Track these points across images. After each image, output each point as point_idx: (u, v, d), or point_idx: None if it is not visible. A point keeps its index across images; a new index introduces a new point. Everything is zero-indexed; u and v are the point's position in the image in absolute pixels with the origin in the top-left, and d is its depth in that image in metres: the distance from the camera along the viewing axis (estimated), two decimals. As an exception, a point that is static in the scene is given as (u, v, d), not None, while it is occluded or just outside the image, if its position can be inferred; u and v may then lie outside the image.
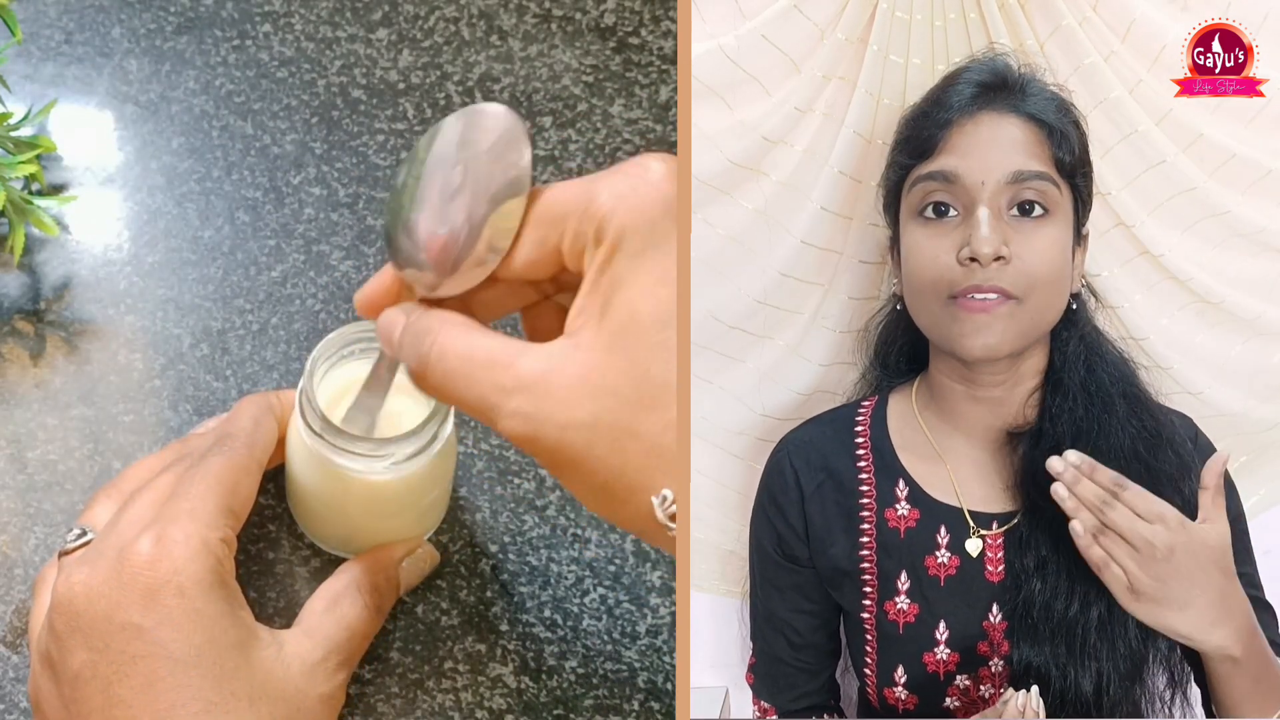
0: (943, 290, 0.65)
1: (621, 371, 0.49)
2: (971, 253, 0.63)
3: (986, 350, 0.64)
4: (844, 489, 0.70)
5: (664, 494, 0.49)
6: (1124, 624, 0.65)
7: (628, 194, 0.51)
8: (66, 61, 0.81)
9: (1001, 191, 0.64)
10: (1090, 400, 0.67)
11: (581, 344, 0.50)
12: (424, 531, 0.69)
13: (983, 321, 0.64)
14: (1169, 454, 0.67)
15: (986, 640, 0.68)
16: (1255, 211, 0.76)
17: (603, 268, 0.51)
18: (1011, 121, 0.66)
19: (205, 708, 0.55)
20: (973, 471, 0.69)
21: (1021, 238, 0.64)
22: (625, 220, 0.50)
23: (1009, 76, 0.67)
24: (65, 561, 0.60)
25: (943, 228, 0.65)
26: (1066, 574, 0.65)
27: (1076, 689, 0.65)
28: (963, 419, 0.69)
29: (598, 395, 0.49)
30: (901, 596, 0.69)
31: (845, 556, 0.70)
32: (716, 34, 0.74)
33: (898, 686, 0.69)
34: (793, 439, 0.73)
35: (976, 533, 0.68)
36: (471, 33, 0.83)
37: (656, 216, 0.50)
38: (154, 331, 0.74)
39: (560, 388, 0.50)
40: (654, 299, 0.50)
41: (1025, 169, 0.65)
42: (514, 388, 0.50)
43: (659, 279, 0.50)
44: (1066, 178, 0.66)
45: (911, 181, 0.67)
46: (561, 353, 0.51)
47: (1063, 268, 0.66)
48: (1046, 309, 0.65)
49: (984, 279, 0.63)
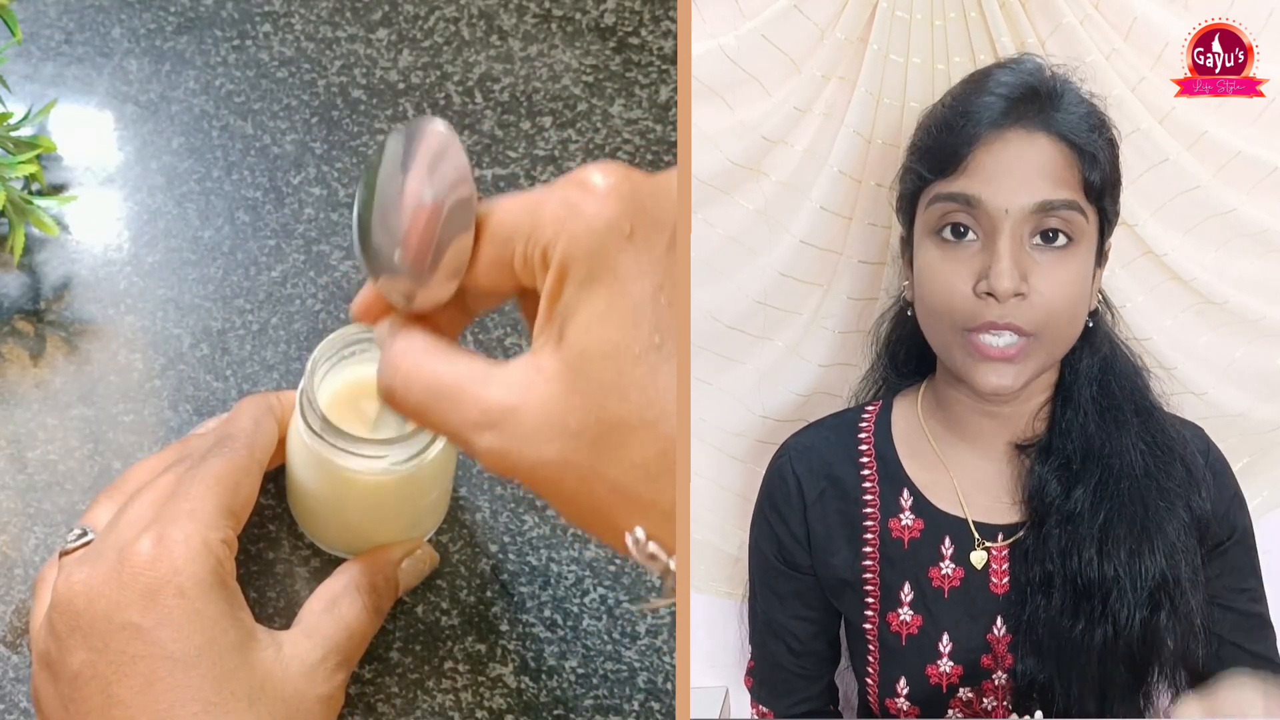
0: (957, 322, 0.63)
1: (580, 411, 0.47)
2: (989, 287, 0.61)
3: (999, 389, 0.63)
4: (847, 497, 0.69)
5: (636, 534, 0.48)
6: (1129, 641, 0.64)
7: (568, 218, 0.48)
8: (66, 61, 0.81)
9: (1025, 220, 0.62)
10: (1101, 415, 0.66)
11: (544, 370, 0.48)
12: (424, 533, 0.69)
13: (996, 366, 0.62)
14: (1179, 469, 0.66)
15: (990, 653, 0.67)
16: (1259, 211, 0.75)
17: (553, 295, 0.49)
18: (1041, 143, 0.63)
19: (204, 708, 0.55)
20: (978, 482, 0.68)
21: (1041, 271, 0.62)
22: (567, 249, 0.48)
23: (1041, 87, 0.64)
24: (65, 561, 0.60)
25: (960, 252, 0.63)
26: (1072, 590, 0.64)
27: (1081, 706, 0.64)
28: (970, 430, 0.68)
29: (561, 437, 0.48)
30: (905, 608, 0.68)
31: (847, 566, 0.69)
32: (716, 34, 0.74)
33: (899, 698, 0.68)
34: (795, 444, 0.72)
35: (981, 545, 0.67)
36: (471, 33, 0.83)
37: (599, 242, 0.48)
38: (154, 331, 0.74)
39: (526, 426, 0.48)
40: (600, 333, 0.47)
41: (1052, 198, 0.62)
42: (482, 423, 0.49)
43: (605, 311, 0.47)
44: (1095, 202, 0.64)
45: (930, 198, 0.64)
46: (526, 382, 0.49)
47: (1081, 299, 0.64)
48: (1061, 341, 0.64)
49: (999, 315, 0.62)
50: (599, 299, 0.48)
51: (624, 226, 0.48)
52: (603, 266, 0.48)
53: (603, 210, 0.48)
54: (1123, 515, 0.65)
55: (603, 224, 0.48)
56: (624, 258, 0.48)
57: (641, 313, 0.47)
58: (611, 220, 0.48)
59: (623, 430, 0.47)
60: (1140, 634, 0.64)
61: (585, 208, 0.48)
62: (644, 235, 0.48)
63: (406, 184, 0.51)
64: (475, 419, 0.49)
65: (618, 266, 0.48)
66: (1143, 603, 0.64)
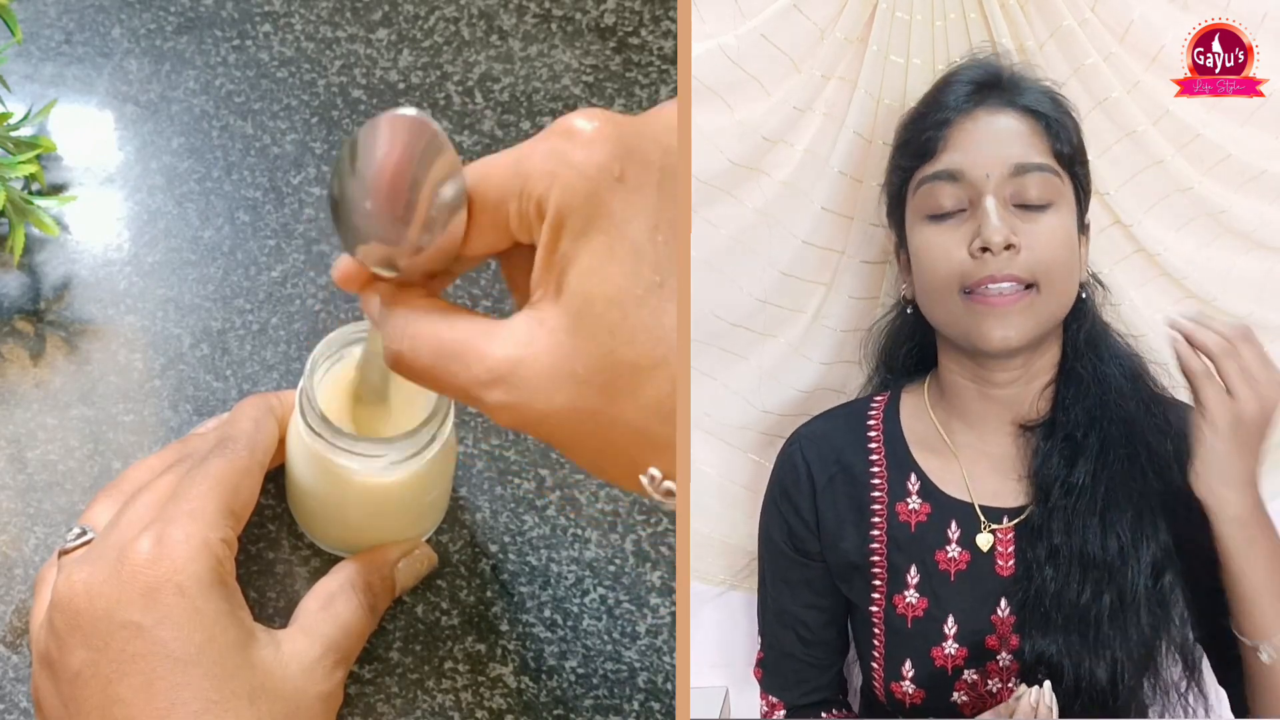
0: (957, 284, 0.65)
1: (588, 357, 0.48)
2: (983, 243, 0.64)
3: (1005, 342, 0.64)
4: (856, 482, 0.70)
5: (651, 472, 0.48)
6: (1136, 611, 0.65)
7: (559, 168, 0.48)
8: (66, 61, 0.81)
9: (1005, 184, 0.65)
10: (1104, 389, 0.67)
11: (546, 322, 0.48)
12: (423, 532, 0.69)
13: (1000, 314, 0.64)
14: (1178, 440, 0.67)
15: (995, 634, 0.68)
16: (1248, 210, 0.76)
17: (550, 247, 0.48)
18: (1008, 115, 0.67)
19: (205, 706, 0.55)
20: (985, 466, 0.69)
21: (1029, 228, 0.65)
22: (561, 199, 0.48)
23: (1002, 74, 0.68)
24: (65, 561, 0.60)
25: (951, 224, 0.66)
26: (1079, 562, 0.65)
27: (1091, 678, 0.65)
28: (974, 415, 0.69)
29: (570, 384, 0.48)
30: (910, 590, 0.69)
31: (856, 550, 0.70)
32: (716, 34, 0.74)
33: (905, 681, 0.69)
34: (805, 432, 0.73)
35: (987, 528, 0.68)
36: (471, 33, 0.83)
37: (593, 188, 0.47)
38: (154, 331, 0.74)
39: (534, 378, 0.48)
40: (603, 278, 0.47)
41: (1027, 160, 0.65)
42: (490, 380, 0.49)
43: (606, 256, 0.47)
44: (1066, 168, 0.67)
45: (916, 183, 0.67)
46: (528, 336, 0.49)
47: (1071, 254, 0.66)
48: (1061, 295, 0.66)
49: (997, 268, 0.64)
50: (599, 245, 0.47)
51: (614, 169, 0.48)
52: (598, 212, 0.47)
53: (592, 155, 0.48)
54: (1125, 486, 0.66)
55: (594, 169, 0.47)
56: (617, 201, 0.48)
57: (641, 254, 0.47)
58: (602, 164, 0.48)
59: (634, 372, 0.47)
60: (1146, 602, 0.65)
61: (574, 155, 0.48)
62: (634, 176, 0.48)
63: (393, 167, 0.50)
64: (482, 377, 0.49)
65: (613, 210, 0.48)
66: (1146, 571, 0.65)
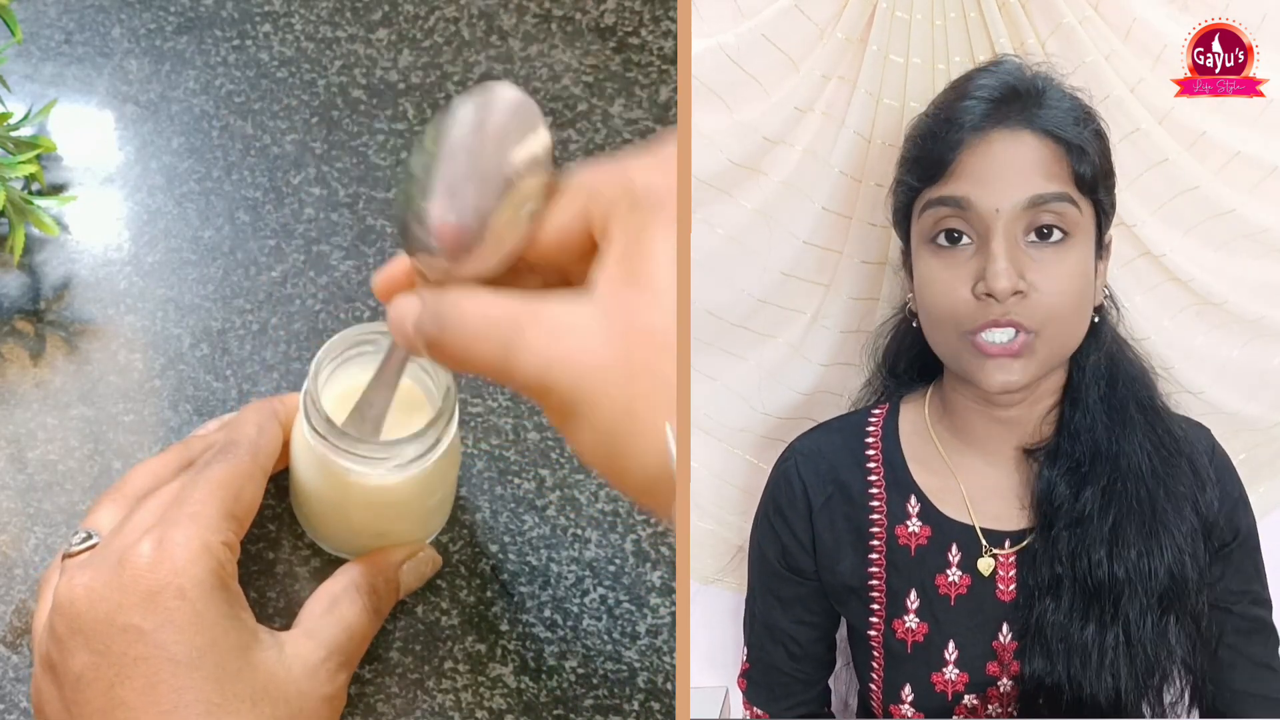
0: (959, 326, 0.63)
1: (644, 311, 0.48)
2: (987, 289, 0.61)
3: (1005, 386, 0.62)
4: (854, 503, 0.68)
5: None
6: (1140, 641, 0.64)
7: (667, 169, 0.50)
8: (66, 61, 0.81)
9: (1018, 218, 0.62)
10: (1110, 416, 0.65)
11: (607, 295, 0.49)
12: (427, 535, 0.69)
13: (1002, 363, 0.62)
14: (1185, 469, 0.66)
15: (996, 660, 0.67)
16: (1259, 212, 0.75)
17: (637, 235, 0.50)
18: (1026, 140, 0.62)
19: (208, 709, 0.56)
20: (986, 488, 0.67)
21: (1039, 267, 0.62)
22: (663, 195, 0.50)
23: (1021, 87, 0.64)
24: (68, 564, 0.60)
25: (956, 257, 0.63)
26: (1082, 593, 0.64)
27: (1092, 703, 0.64)
28: (977, 436, 0.67)
29: (617, 337, 0.48)
30: (910, 615, 0.67)
31: (853, 573, 0.68)
32: (716, 33, 0.74)
33: (904, 705, 0.68)
34: (801, 447, 0.71)
35: (989, 552, 0.67)
36: (471, 33, 0.83)
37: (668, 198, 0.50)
38: (154, 331, 0.74)
39: (579, 327, 0.49)
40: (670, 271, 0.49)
41: (1043, 192, 0.62)
42: (530, 324, 0.50)
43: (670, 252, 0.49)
44: (1088, 194, 0.63)
45: (922, 205, 0.64)
46: (586, 298, 0.50)
47: (1085, 290, 0.63)
48: (1067, 338, 0.64)
49: (1000, 314, 0.61)
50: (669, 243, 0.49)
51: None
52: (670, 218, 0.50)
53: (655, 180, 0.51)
54: (1132, 516, 0.64)
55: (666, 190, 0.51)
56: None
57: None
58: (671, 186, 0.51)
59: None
60: (1151, 635, 0.64)
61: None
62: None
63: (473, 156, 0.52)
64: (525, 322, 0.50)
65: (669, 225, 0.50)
66: (1153, 604, 0.64)
